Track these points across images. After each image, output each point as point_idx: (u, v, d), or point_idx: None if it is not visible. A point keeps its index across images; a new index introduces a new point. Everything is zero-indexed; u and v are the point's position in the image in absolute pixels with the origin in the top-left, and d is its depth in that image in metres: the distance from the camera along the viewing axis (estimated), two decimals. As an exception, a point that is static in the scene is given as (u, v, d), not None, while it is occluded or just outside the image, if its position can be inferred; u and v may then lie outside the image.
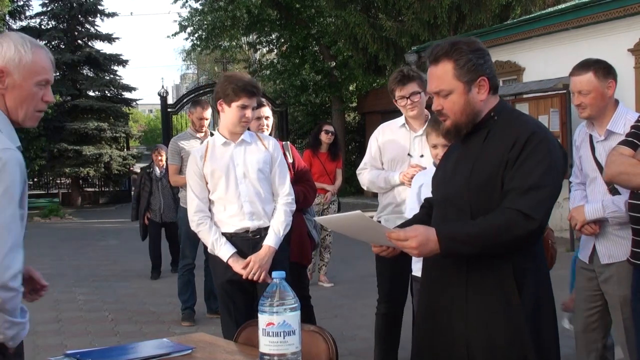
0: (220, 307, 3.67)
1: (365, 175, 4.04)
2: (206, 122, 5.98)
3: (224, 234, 3.47)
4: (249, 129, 3.65)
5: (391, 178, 3.88)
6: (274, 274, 2.01)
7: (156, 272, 8.32)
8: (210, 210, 3.52)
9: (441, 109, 2.23)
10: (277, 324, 1.93)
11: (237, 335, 2.45)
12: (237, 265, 3.43)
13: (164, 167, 7.94)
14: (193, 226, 3.53)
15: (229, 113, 3.46)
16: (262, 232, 3.49)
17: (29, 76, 2.05)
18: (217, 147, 3.52)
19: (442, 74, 2.20)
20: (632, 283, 2.85)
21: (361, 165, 4.12)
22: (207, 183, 3.50)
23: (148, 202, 8.18)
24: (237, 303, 3.52)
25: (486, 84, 2.19)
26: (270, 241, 3.46)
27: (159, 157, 8.21)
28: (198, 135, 5.90)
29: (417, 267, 3.46)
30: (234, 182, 3.46)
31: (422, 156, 3.84)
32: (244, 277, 3.41)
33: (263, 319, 1.96)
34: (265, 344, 1.96)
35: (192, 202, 3.52)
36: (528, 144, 2.10)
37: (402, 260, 3.73)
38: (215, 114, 3.78)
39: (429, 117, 3.93)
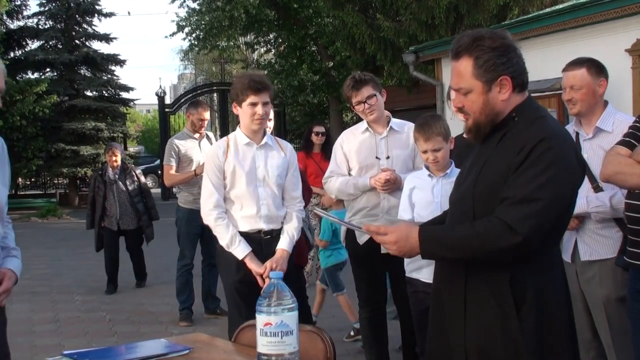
0: (230, 306, 3.66)
1: (333, 184, 3.93)
2: (205, 124, 5.98)
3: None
4: (266, 131, 3.66)
5: (361, 184, 3.81)
6: (272, 274, 2.02)
7: (112, 285, 7.48)
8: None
9: (462, 107, 2.15)
10: (274, 324, 1.94)
11: (235, 335, 2.45)
12: (253, 264, 3.45)
13: (119, 167, 7.45)
14: (209, 220, 3.53)
15: (242, 113, 3.50)
16: (273, 233, 3.55)
17: None
18: (239, 145, 3.55)
19: (462, 71, 2.10)
20: (628, 283, 2.86)
21: (327, 173, 4.02)
22: (224, 179, 3.51)
23: (103, 208, 7.34)
24: (247, 302, 3.50)
25: (508, 83, 2.07)
26: (285, 245, 3.54)
27: (113, 158, 7.42)
28: (195, 135, 5.90)
29: (409, 269, 3.47)
30: (253, 183, 3.50)
31: (387, 158, 3.83)
32: (264, 276, 3.41)
33: (261, 319, 1.96)
34: (263, 344, 1.96)
35: (210, 196, 3.52)
36: (534, 151, 1.97)
37: (378, 265, 3.82)
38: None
39: (390, 117, 3.95)
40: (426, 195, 3.37)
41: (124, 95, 22.95)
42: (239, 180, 3.49)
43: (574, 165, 2.03)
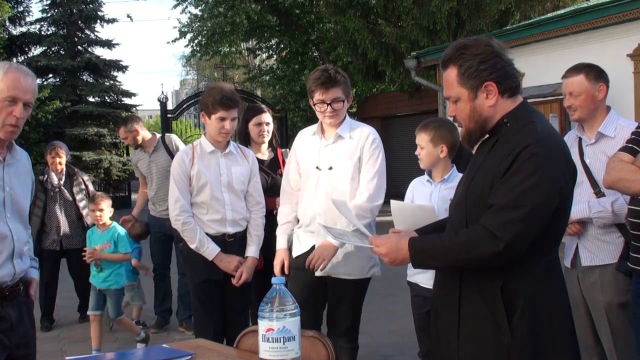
0: (196, 306, 3.75)
1: (281, 207, 3.60)
2: (139, 138, 5.78)
3: None
4: (230, 140, 3.78)
5: (279, 242, 3.52)
6: (274, 279, 2.03)
7: (48, 320, 6.02)
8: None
9: (455, 116, 2.19)
10: (276, 329, 1.94)
11: (237, 341, 2.45)
12: (223, 264, 3.61)
13: (63, 172, 5.99)
14: (177, 225, 3.66)
15: (210, 125, 3.64)
16: (237, 235, 3.70)
17: None
18: (205, 153, 3.69)
19: (450, 80, 2.15)
20: (632, 288, 2.85)
21: (283, 178, 3.68)
22: (190, 185, 3.66)
23: (42, 223, 5.82)
24: (214, 302, 3.68)
25: (494, 88, 2.08)
26: (254, 252, 3.73)
27: (57, 159, 5.88)
28: (145, 149, 5.86)
29: (411, 273, 3.50)
30: (219, 189, 3.64)
31: (330, 168, 3.38)
32: (234, 283, 3.61)
33: (263, 325, 1.96)
34: (265, 350, 1.96)
35: (177, 202, 3.64)
36: (519, 157, 1.98)
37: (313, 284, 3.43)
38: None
39: (346, 119, 3.44)
40: (424, 200, 3.40)
41: (126, 101, 22.97)
42: (204, 186, 3.63)
43: (561, 171, 2.01)
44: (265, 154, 4.42)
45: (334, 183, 3.36)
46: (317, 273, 3.32)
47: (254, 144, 4.38)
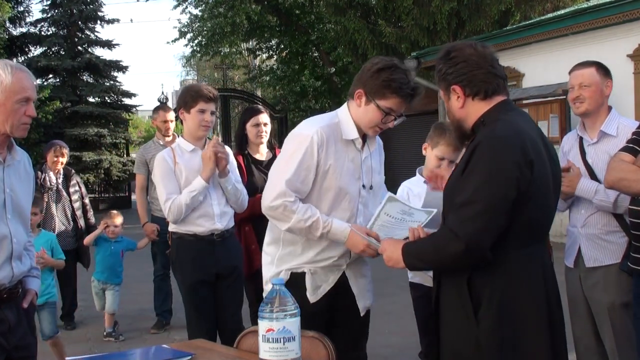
0: (190, 308, 3.74)
1: (299, 211, 2.57)
2: (171, 125, 5.93)
3: (189, 233, 3.65)
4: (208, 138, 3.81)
5: (338, 230, 2.58)
6: (274, 280, 2.03)
7: (71, 318, 6.17)
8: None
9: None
10: (277, 330, 1.94)
11: (237, 341, 2.45)
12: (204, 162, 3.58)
13: (60, 172, 5.94)
14: (170, 210, 3.55)
15: (190, 119, 3.67)
16: (224, 234, 3.70)
17: (10, 96, 2.37)
18: (184, 153, 3.70)
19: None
20: (633, 288, 2.85)
21: (279, 186, 2.59)
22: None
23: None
24: (206, 303, 3.68)
25: (459, 92, 2.17)
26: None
27: (61, 159, 5.83)
28: (161, 142, 5.79)
29: (413, 274, 3.51)
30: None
31: (371, 188, 2.76)
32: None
33: (263, 325, 1.96)
34: (265, 350, 1.96)
35: (166, 201, 3.58)
36: (473, 154, 2.05)
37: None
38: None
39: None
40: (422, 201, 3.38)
41: (127, 101, 22.98)
42: (190, 184, 3.60)
43: (516, 162, 2.00)
44: (263, 154, 4.42)
45: (369, 208, 2.71)
46: (363, 311, 2.88)
47: (252, 145, 4.38)
